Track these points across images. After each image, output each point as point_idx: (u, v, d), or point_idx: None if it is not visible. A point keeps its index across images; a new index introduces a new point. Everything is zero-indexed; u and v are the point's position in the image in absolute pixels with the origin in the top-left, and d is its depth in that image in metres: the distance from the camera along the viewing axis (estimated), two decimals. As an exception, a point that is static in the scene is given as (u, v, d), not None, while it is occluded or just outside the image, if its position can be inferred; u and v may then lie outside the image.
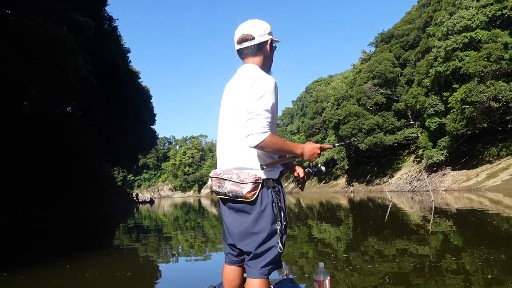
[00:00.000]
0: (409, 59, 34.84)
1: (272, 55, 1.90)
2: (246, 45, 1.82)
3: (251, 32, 1.80)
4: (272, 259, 1.71)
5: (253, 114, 1.61)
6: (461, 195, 19.69)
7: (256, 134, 1.59)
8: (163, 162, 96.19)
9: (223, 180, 1.74)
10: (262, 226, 1.69)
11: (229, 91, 1.83)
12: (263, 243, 1.69)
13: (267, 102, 1.63)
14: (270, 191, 1.72)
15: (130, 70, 29.59)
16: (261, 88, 1.64)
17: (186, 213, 20.34)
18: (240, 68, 1.86)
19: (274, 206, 1.71)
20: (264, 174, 1.71)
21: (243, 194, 1.66)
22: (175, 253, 6.63)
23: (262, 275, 1.70)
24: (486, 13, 24.20)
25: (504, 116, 23.73)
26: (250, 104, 1.63)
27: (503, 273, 3.65)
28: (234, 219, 1.79)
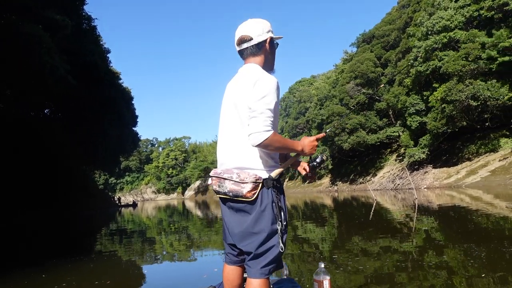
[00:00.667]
0: (390, 59, 35.33)
1: (273, 52, 1.90)
2: (245, 46, 1.83)
3: (249, 33, 1.81)
4: (273, 259, 1.71)
5: (256, 112, 1.62)
6: (442, 192, 20.00)
7: (259, 133, 1.59)
8: (146, 165, 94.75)
9: (223, 179, 1.73)
10: (262, 226, 1.69)
11: (230, 91, 1.84)
12: (263, 243, 1.69)
13: (270, 101, 1.64)
14: (270, 191, 1.71)
15: (110, 70, 28.93)
16: (264, 88, 1.65)
17: (170, 216, 20.00)
18: (241, 68, 1.86)
19: (274, 206, 1.70)
20: (264, 173, 1.71)
21: (243, 193, 1.66)
22: (159, 257, 6.40)
23: (262, 275, 1.70)
24: (464, 13, 24.73)
25: (482, 114, 24.27)
26: (253, 103, 1.64)
27: (484, 268, 3.69)
28: (234, 219, 1.79)
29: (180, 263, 5.73)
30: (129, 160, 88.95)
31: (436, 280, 3.49)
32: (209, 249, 6.89)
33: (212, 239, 8.20)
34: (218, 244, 7.35)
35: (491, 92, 22.02)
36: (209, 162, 77.15)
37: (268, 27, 1.85)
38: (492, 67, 22.54)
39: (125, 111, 28.30)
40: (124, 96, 30.12)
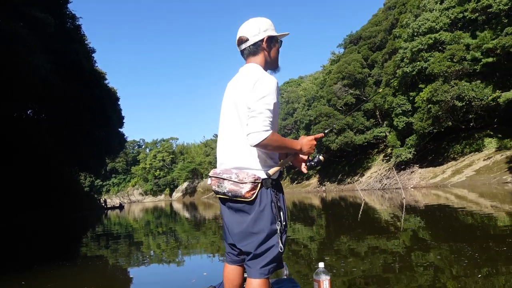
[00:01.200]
0: (377, 60, 35.65)
1: (275, 51, 1.89)
2: (243, 47, 1.85)
3: (246, 33, 1.83)
4: (272, 259, 1.71)
5: (255, 112, 1.62)
6: (428, 191, 20.23)
7: (258, 132, 1.60)
8: (132, 166, 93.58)
9: (222, 179, 1.74)
10: (261, 226, 1.69)
11: (230, 90, 1.84)
12: (262, 243, 1.70)
13: (269, 102, 1.64)
14: (269, 191, 1.71)
15: (96, 70, 28.42)
16: (264, 88, 1.65)
17: (157, 218, 19.74)
18: (242, 68, 1.87)
19: (273, 206, 1.70)
20: (263, 174, 1.72)
21: (242, 193, 1.66)
22: (146, 261, 6.23)
23: (262, 275, 1.70)
24: (449, 15, 25.10)
25: (467, 114, 24.67)
26: (253, 103, 1.65)
27: (470, 266, 3.75)
28: (234, 219, 1.79)
29: (168, 267, 5.59)
30: (116, 161, 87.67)
31: (428, 279, 3.49)
32: (198, 252, 6.75)
33: (200, 241, 8.09)
34: (206, 246, 7.22)
35: (476, 93, 22.38)
36: (197, 164, 76.68)
37: (266, 25, 1.85)
38: (476, 68, 22.92)
39: (111, 111, 27.80)
40: (110, 97, 29.61)
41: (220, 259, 5.71)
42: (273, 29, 1.88)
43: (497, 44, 20.72)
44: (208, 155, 73.94)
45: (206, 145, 79.49)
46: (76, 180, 35.71)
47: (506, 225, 6.54)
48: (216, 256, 5.98)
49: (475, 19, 23.77)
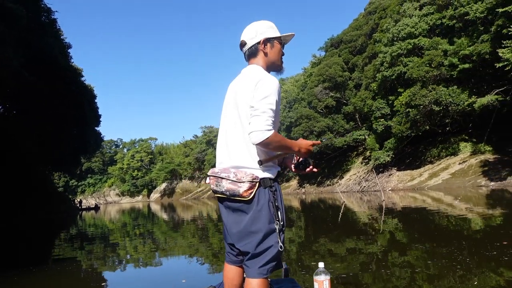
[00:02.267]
0: (357, 63, 36.08)
1: (275, 52, 1.90)
2: (244, 50, 1.92)
3: (244, 37, 1.89)
4: (271, 258, 1.71)
5: (258, 111, 1.64)
6: (406, 194, 20.53)
7: (261, 131, 1.61)
8: (109, 166, 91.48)
9: (221, 178, 1.74)
10: (259, 226, 1.69)
11: (232, 91, 1.86)
12: (260, 242, 1.70)
13: (272, 101, 1.67)
14: (267, 190, 1.71)
15: (72, 66, 27.48)
16: (266, 88, 1.68)
17: (134, 219, 19.23)
18: (244, 69, 1.91)
19: (271, 205, 1.71)
20: (261, 173, 1.72)
21: (240, 193, 1.67)
22: (121, 266, 5.92)
23: (260, 275, 1.70)
24: (427, 21, 25.64)
25: (444, 119, 25.22)
26: (255, 103, 1.67)
27: (445, 267, 3.86)
28: (232, 219, 1.80)
29: (145, 272, 5.31)
30: (92, 161, 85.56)
31: (406, 279, 3.58)
32: (175, 255, 6.50)
33: (178, 243, 7.87)
34: (184, 249, 7.00)
35: (452, 98, 22.89)
36: (176, 164, 75.71)
37: (264, 28, 1.88)
38: (453, 73, 23.45)
39: (87, 109, 26.89)
40: (86, 94, 28.69)
41: (198, 262, 5.53)
42: (273, 31, 1.90)
43: (473, 51, 21.26)
44: (188, 155, 73.14)
45: (186, 145, 78.63)
46: (49, 179, 34.47)
47: (480, 227, 6.70)
48: (195, 259, 5.80)
49: (452, 26, 24.36)
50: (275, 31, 1.91)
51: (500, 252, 4.18)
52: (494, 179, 20.21)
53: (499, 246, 4.51)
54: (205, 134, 67.09)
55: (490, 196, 14.02)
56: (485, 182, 20.43)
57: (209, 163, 60.74)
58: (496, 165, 21.77)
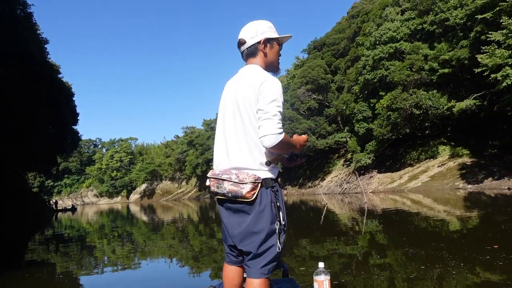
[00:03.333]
0: (340, 66, 36.38)
1: (274, 53, 1.91)
2: (242, 49, 1.90)
3: (243, 36, 1.87)
4: (272, 258, 1.72)
5: (269, 114, 1.65)
6: (386, 196, 20.71)
7: (274, 135, 1.64)
8: (87, 166, 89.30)
9: (222, 180, 1.74)
10: (262, 226, 1.71)
11: (231, 90, 1.84)
12: (263, 243, 1.71)
13: (280, 104, 1.69)
14: (269, 191, 1.73)
15: (49, 62, 26.52)
16: (274, 91, 1.69)
17: (113, 221, 18.71)
18: (242, 69, 1.89)
19: (273, 206, 1.72)
20: (263, 173, 1.73)
21: (243, 194, 1.68)
22: (97, 270, 5.60)
23: (262, 275, 1.72)
24: (409, 26, 26.06)
25: (423, 122, 25.66)
26: (265, 105, 1.67)
27: (441, 273, 3.87)
28: (233, 220, 1.79)
29: (123, 275, 5.03)
30: (69, 161, 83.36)
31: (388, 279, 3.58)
32: (155, 258, 6.24)
33: (158, 245, 7.64)
34: (163, 250, 6.76)
35: (432, 102, 23.30)
36: (156, 165, 74.63)
37: (264, 28, 1.87)
38: (433, 78, 23.88)
39: (64, 107, 26.00)
40: (64, 92, 27.76)
41: (178, 265, 5.34)
42: (272, 31, 1.90)
43: (453, 56, 21.70)
44: (169, 156, 72.20)
45: (167, 146, 77.64)
46: (23, 179, 33.22)
47: (467, 230, 6.76)
48: (174, 262, 5.60)
49: (433, 31, 24.83)
50: (274, 31, 1.92)
51: (493, 257, 4.13)
52: (471, 182, 20.65)
53: (490, 251, 4.47)
54: (187, 134, 66.36)
55: (468, 199, 14.27)
56: (463, 185, 20.85)
57: (190, 164, 60.11)
58: (473, 168, 22.27)
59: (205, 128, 63.08)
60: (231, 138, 1.79)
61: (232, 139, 1.78)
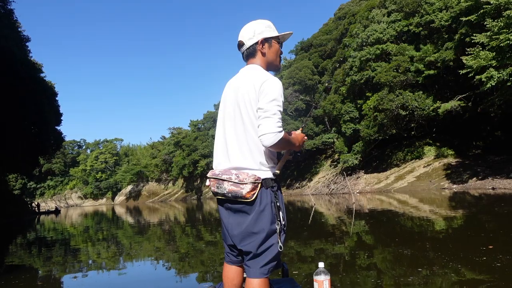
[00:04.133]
0: (327, 67, 36.54)
1: (272, 51, 1.90)
2: (241, 50, 1.92)
3: (242, 37, 1.89)
4: (272, 258, 1.73)
5: (268, 113, 1.66)
6: (373, 196, 20.83)
7: (274, 133, 1.65)
8: (71, 168, 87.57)
9: (222, 180, 1.75)
10: (262, 226, 1.72)
11: (232, 90, 1.86)
12: (263, 242, 1.72)
13: (280, 103, 1.70)
14: (269, 191, 1.74)
15: (30, 61, 25.82)
16: (274, 90, 1.70)
17: (98, 223, 18.31)
18: (243, 69, 1.91)
19: (273, 206, 1.74)
20: (263, 174, 1.74)
21: (243, 194, 1.69)
22: (83, 271, 5.41)
23: (262, 275, 1.72)
24: (395, 28, 26.30)
25: (410, 123, 25.93)
26: (265, 104, 1.68)
27: (410, 267, 4.03)
28: (233, 220, 1.80)
29: (108, 278, 4.85)
30: (52, 162, 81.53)
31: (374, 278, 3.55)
32: (141, 261, 6.05)
33: (144, 247, 7.48)
34: (150, 253, 6.58)
35: (418, 103, 23.55)
36: (143, 166, 73.67)
37: (262, 28, 1.88)
38: (419, 79, 24.16)
39: (47, 107, 25.30)
40: (46, 91, 27.03)
41: (164, 268, 5.21)
42: (271, 30, 1.89)
43: (438, 58, 21.98)
44: (155, 157, 71.38)
45: (153, 147, 76.75)
46: (3, 181, 32.27)
47: (442, 228, 6.93)
48: (161, 265, 5.46)
49: (418, 33, 25.12)
50: (273, 30, 1.91)
51: (491, 258, 4.07)
52: (456, 182, 20.93)
53: (486, 251, 4.43)
54: (173, 135, 65.70)
55: (453, 199, 14.43)
56: (448, 185, 21.11)
57: (177, 165, 59.54)
58: (458, 169, 22.59)
59: (192, 129, 62.55)
60: (231, 138, 1.79)
61: (232, 139, 1.79)
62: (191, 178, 60.34)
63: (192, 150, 55.72)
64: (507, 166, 19.54)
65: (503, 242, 5.01)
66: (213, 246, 6.97)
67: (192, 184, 61.29)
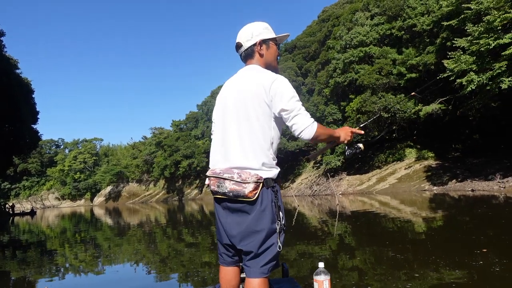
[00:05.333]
0: (310, 69, 36.71)
1: (270, 53, 1.93)
2: (240, 52, 1.94)
3: (240, 39, 1.92)
4: (272, 257, 1.73)
5: (295, 111, 1.71)
6: (355, 198, 20.96)
7: (310, 126, 1.70)
8: (48, 168, 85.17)
9: (223, 179, 1.74)
10: (263, 226, 1.72)
11: (233, 91, 1.86)
12: (263, 242, 1.72)
13: (298, 98, 1.74)
14: (269, 191, 1.75)
15: (5, 56, 24.88)
16: (288, 88, 1.73)
17: (75, 225, 17.76)
18: (242, 69, 1.92)
19: (274, 206, 1.75)
20: (264, 173, 1.74)
21: (245, 193, 1.69)
22: (59, 274, 5.16)
23: (262, 274, 1.72)
24: (378, 31, 26.61)
25: (391, 125, 26.25)
26: (286, 104, 1.71)
27: (392, 268, 4.11)
28: (232, 220, 1.79)
29: (86, 281, 4.61)
30: (28, 162, 79.10)
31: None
32: (120, 263, 5.82)
33: (123, 249, 7.26)
34: (129, 255, 6.34)
35: (400, 106, 23.84)
36: (123, 166, 72.27)
37: (259, 29, 1.91)
38: (401, 82, 24.49)
39: (22, 105, 24.41)
40: (22, 88, 26.08)
41: (144, 270, 5.04)
42: (268, 32, 1.93)
43: (420, 61, 22.33)
44: (136, 157, 70.16)
45: (134, 147, 75.45)
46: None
47: (423, 229, 7.03)
48: (141, 267, 5.26)
49: (401, 36, 25.48)
50: (271, 32, 1.94)
51: (487, 263, 4.00)
52: (436, 183, 21.27)
53: (481, 255, 4.37)
54: (155, 135, 64.75)
55: (433, 201, 14.63)
56: (428, 187, 21.43)
57: (158, 165, 58.66)
58: (438, 171, 22.98)
59: (174, 129, 61.79)
60: (233, 139, 1.79)
61: (234, 139, 1.78)
62: (172, 179, 59.56)
63: (174, 150, 55.02)
64: (485, 168, 19.99)
65: (493, 245, 5.02)
66: (194, 248, 6.83)
67: (173, 185, 60.50)
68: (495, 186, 16.61)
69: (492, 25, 15.11)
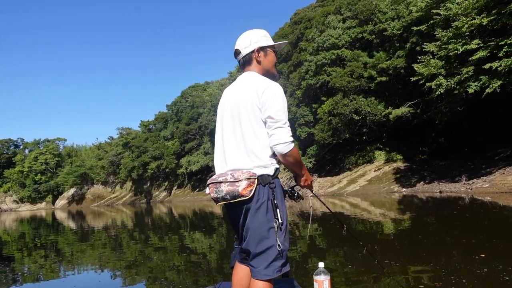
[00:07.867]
0: (283, 71, 36.72)
1: (268, 60, 1.93)
2: (238, 58, 1.97)
3: (238, 46, 1.95)
4: (273, 258, 1.68)
5: (280, 123, 1.71)
6: (326, 200, 21.01)
7: (287, 143, 1.71)
8: (6, 169, 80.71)
9: (219, 183, 1.74)
10: (257, 224, 1.70)
11: (230, 98, 1.89)
12: (260, 241, 1.69)
13: (287, 111, 1.76)
14: (266, 188, 1.72)
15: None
16: (280, 97, 1.73)
17: (35, 229, 16.71)
18: (241, 76, 1.95)
19: (270, 203, 1.72)
20: (259, 170, 1.73)
21: (239, 192, 1.68)
22: (16, 282, 4.90)
23: (266, 276, 1.68)
24: (350, 34, 27.00)
25: (362, 128, 26.67)
26: (274, 113, 1.71)
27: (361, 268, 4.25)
28: (236, 220, 1.82)
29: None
30: (-17, 163, 74.64)
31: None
32: (83, 269, 5.42)
33: (87, 254, 6.78)
34: (93, 260, 5.91)
35: (370, 108, 24.25)
36: (87, 168, 69.54)
37: (258, 37, 1.92)
38: (371, 85, 24.93)
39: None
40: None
41: (109, 276, 4.70)
42: (267, 39, 1.94)
43: (390, 65, 22.82)
44: (101, 158, 67.72)
45: (100, 148, 72.85)
46: None
47: (391, 231, 7.21)
48: (106, 272, 5.11)
49: (372, 40, 25.98)
50: (269, 39, 1.96)
51: (491, 270, 3.80)
52: (405, 185, 21.73)
53: (480, 260, 4.20)
54: (122, 136, 62.77)
55: (402, 202, 14.90)
56: (397, 189, 21.85)
57: (125, 167, 56.86)
58: (407, 173, 23.52)
59: (143, 130, 60.22)
60: (229, 144, 1.81)
61: (231, 143, 1.80)
62: (140, 180, 57.96)
63: (142, 151, 53.55)
64: (451, 170, 20.64)
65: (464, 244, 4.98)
66: (162, 252, 6.56)
67: (141, 187, 58.88)
68: (462, 188, 17.11)
69: (460, 31, 15.57)
